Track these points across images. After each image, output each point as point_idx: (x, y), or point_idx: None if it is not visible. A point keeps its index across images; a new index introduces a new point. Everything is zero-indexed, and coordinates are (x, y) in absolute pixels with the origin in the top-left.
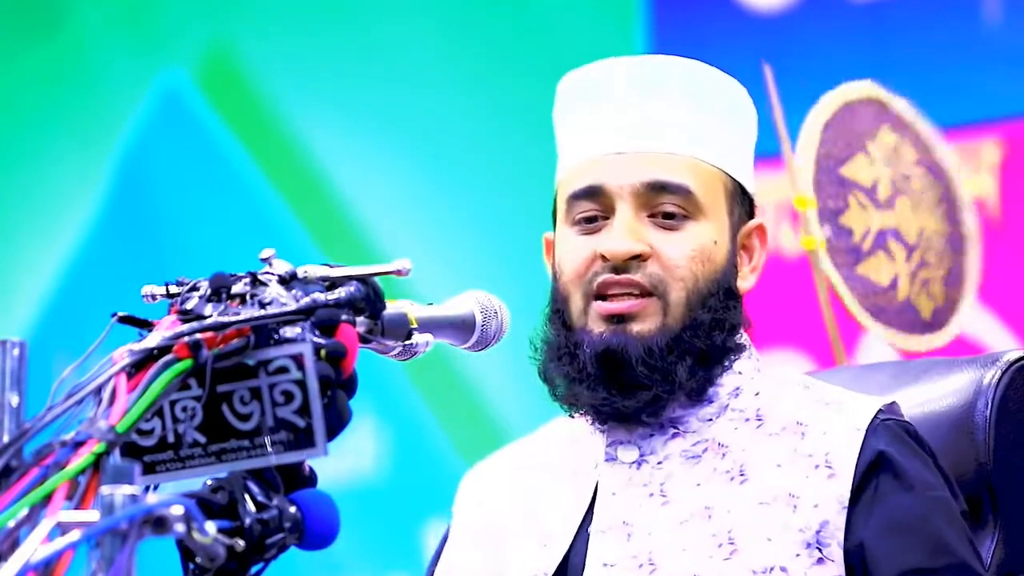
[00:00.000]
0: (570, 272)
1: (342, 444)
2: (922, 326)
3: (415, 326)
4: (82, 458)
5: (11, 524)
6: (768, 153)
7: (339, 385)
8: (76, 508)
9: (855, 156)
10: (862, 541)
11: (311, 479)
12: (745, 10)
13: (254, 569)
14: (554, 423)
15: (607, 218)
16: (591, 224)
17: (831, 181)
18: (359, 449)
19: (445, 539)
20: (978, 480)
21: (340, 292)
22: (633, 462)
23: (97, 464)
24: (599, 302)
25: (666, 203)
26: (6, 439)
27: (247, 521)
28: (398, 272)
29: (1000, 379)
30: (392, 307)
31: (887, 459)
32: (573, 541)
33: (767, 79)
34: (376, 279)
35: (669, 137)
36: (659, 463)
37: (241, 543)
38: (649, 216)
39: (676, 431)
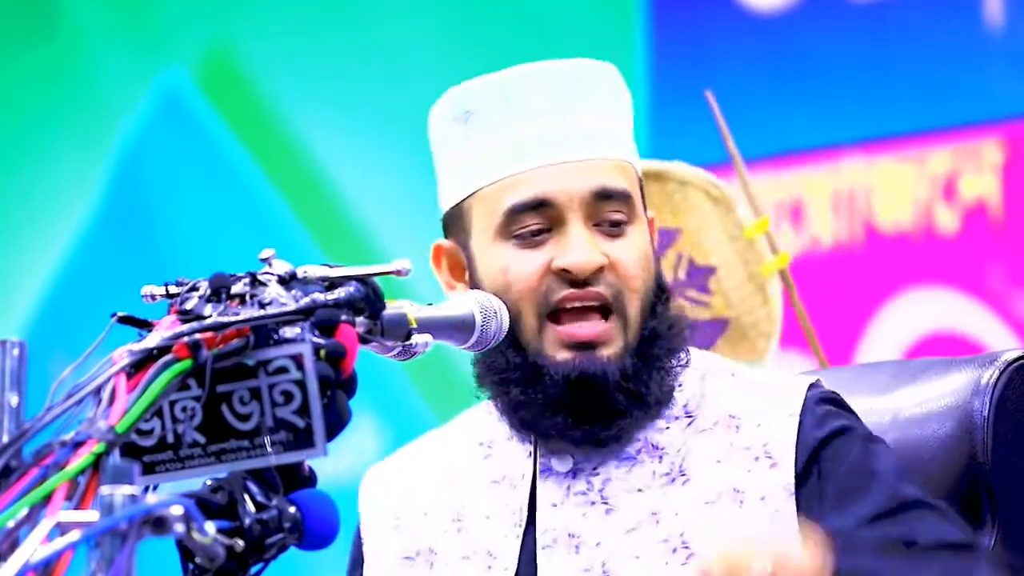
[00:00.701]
0: (521, 288)
1: (342, 444)
2: None
3: (415, 326)
4: (82, 458)
5: (11, 524)
6: (760, 156)
7: (339, 385)
8: (76, 508)
9: None
10: (818, 519)
11: (311, 479)
12: (745, 10)
13: (254, 569)
14: (453, 425)
15: (550, 230)
16: (536, 237)
17: None
18: (359, 449)
19: (359, 559)
20: (976, 480)
21: (340, 292)
22: (568, 472)
23: (97, 464)
24: (560, 327)
25: (612, 211)
26: (6, 439)
27: (247, 521)
28: (398, 272)
29: (998, 379)
30: (392, 307)
31: (826, 439)
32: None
33: (712, 105)
34: (376, 279)
35: (600, 142)
36: (594, 469)
37: (241, 543)
38: (595, 225)
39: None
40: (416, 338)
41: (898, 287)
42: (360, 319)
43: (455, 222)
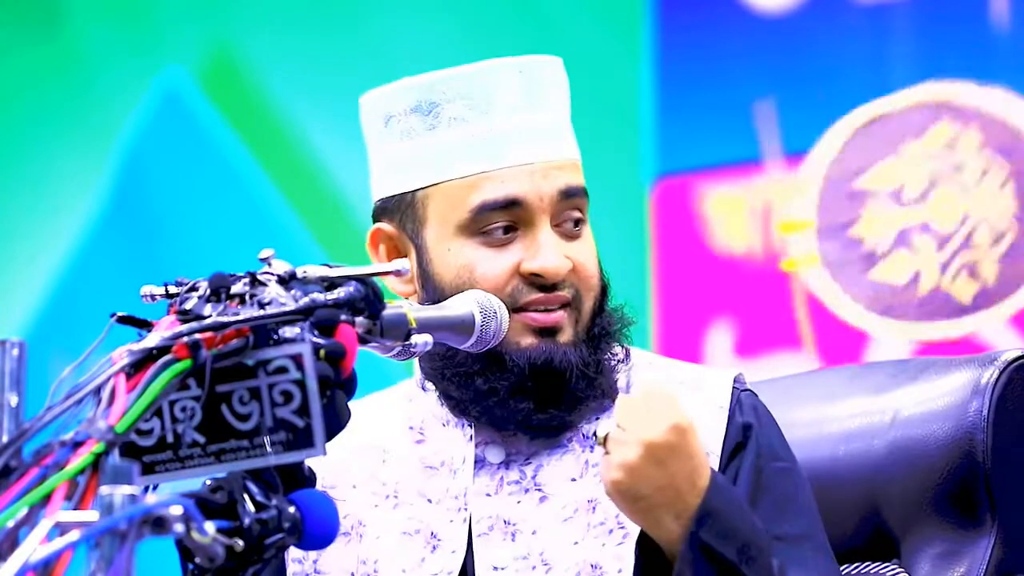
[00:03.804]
0: (488, 287)
1: None
2: (959, 311)
3: (414, 326)
4: (81, 458)
5: (10, 524)
6: (763, 156)
7: (338, 385)
8: (75, 508)
9: (874, 166)
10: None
11: (310, 479)
12: (750, 11)
13: (252, 569)
14: (365, 405)
15: (516, 229)
16: (504, 236)
17: (841, 197)
18: None
19: None
20: (976, 480)
21: (339, 292)
22: (501, 463)
23: (96, 464)
24: (526, 313)
25: (573, 210)
26: (5, 439)
27: (246, 521)
28: (397, 273)
29: (998, 378)
30: (391, 307)
31: (748, 435)
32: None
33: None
34: (375, 279)
35: (564, 142)
36: (527, 460)
37: (240, 543)
38: (556, 226)
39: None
40: (415, 338)
41: None
42: (360, 319)
43: (402, 209)
